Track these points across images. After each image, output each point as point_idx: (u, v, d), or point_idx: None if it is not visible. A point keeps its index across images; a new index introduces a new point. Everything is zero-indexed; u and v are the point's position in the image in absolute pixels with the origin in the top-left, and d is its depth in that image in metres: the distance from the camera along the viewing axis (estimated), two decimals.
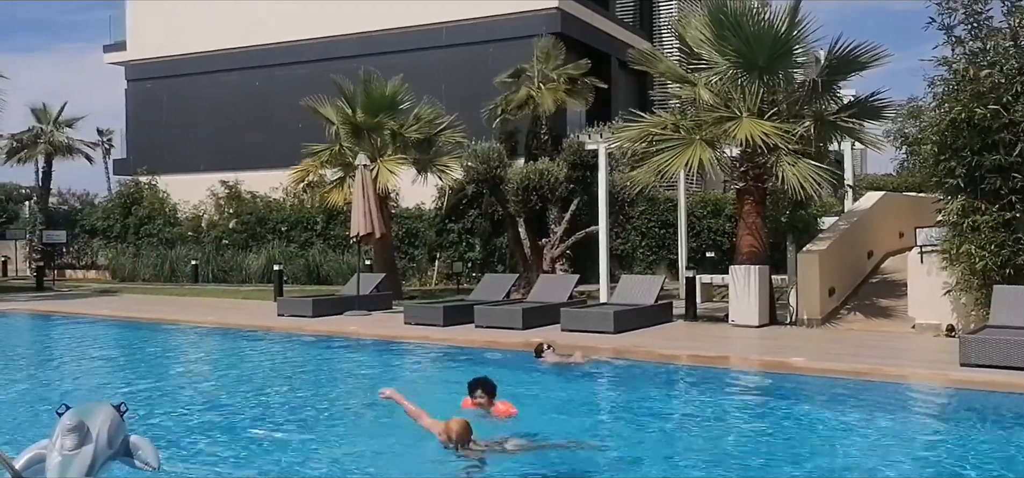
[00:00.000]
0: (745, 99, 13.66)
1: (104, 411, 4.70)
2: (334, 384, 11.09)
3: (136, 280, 27.25)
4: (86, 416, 4.59)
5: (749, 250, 13.89)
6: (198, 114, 31.04)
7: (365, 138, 19.60)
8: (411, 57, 25.80)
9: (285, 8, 28.64)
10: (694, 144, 13.51)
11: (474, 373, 11.22)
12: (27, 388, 10.63)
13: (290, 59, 28.99)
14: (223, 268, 26.67)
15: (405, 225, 25.00)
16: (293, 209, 27.16)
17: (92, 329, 16.50)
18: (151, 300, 20.66)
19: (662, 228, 22.99)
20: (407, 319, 14.80)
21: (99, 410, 4.70)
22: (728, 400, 9.50)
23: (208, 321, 16.23)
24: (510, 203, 20.14)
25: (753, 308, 13.60)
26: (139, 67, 32.79)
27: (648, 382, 10.50)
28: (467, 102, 22.97)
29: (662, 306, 14.75)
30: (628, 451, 7.34)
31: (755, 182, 14.00)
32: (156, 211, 29.53)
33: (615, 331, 12.87)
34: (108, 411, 4.72)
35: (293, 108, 25.86)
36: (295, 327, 15.01)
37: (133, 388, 10.41)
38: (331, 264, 25.18)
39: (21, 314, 18.49)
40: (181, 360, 13.56)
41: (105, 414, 4.68)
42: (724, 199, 22.23)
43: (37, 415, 8.68)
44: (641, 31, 30.42)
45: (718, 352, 11.56)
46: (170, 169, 30.53)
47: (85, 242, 31.09)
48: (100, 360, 13.69)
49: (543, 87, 22.05)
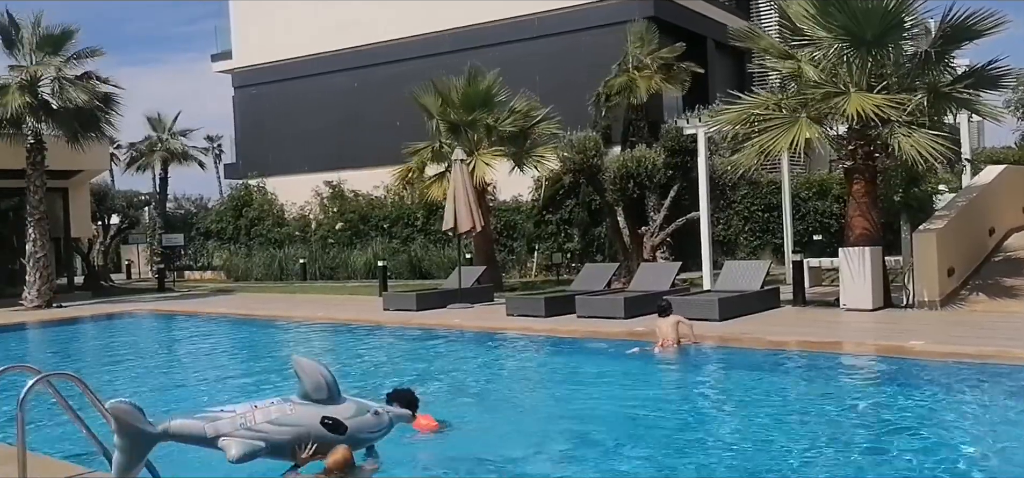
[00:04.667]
0: (852, 74, 13.14)
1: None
2: (463, 374, 11.18)
3: (249, 279, 28.48)
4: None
5: (861, 231, 13.38)
6: (301, 117, 32.15)
7: (462, 133, 19.86)
8: (504, 50, 25.96)
9: (380, 9, 29.28)
10: (799, 122, 13.10)
11: (579, 362, 11.28)
12: (167, 381, 11.26)
13: (386, 58, 29.66)
14: (329, 265, 27.57)
15: (503, 218, 25.21)
16: (394, 206, 27.81)
17: (214, 326, 17.37)
18: (264, 298, 21.56)
19: (765, 212, 22.40)
20: (509, 310, 14.94)
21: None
22: (843, 386, 9.20)
23: (318, 317, 16.81)
24: (608, 192, 20.03)
25: (866, 291, 13.10)
26: (244, 74, 34.21)
27: (758, 368, 10.26)
28: (561, 92, 22.95)
29: (769, 292, 14.39)
30: (748, 439, 7.20)
31: (865, 160, 13.47)
32: (265, 212, 30.80)
33: (720, 318, 12.64)
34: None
35: (390, 106, 26.53)
36: (401, 321, 15.36)
37: (262, 380, 10.85)
38: (432, 258, 25.66)
39: (147, 314, 19.60)
40: (300, 353, 14.03)
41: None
42: (830, 179, 21.48)
43: (183, 404, 9.20)
44: (738, 11, 29.66)
45: (830, 337, 11.20)
46: (276, 171, 31.77)
47: (201, 244, 32.70)
48: (226, 355, 14.40)
49: (638, 74, 21.79)
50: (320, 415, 5.56)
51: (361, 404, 5.89)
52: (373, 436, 5.92)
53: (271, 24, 32.46)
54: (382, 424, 5.91)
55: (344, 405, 5.76)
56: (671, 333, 10.85)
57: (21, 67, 20.52)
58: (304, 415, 5.54)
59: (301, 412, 5.55)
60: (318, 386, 5.66)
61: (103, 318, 19.08)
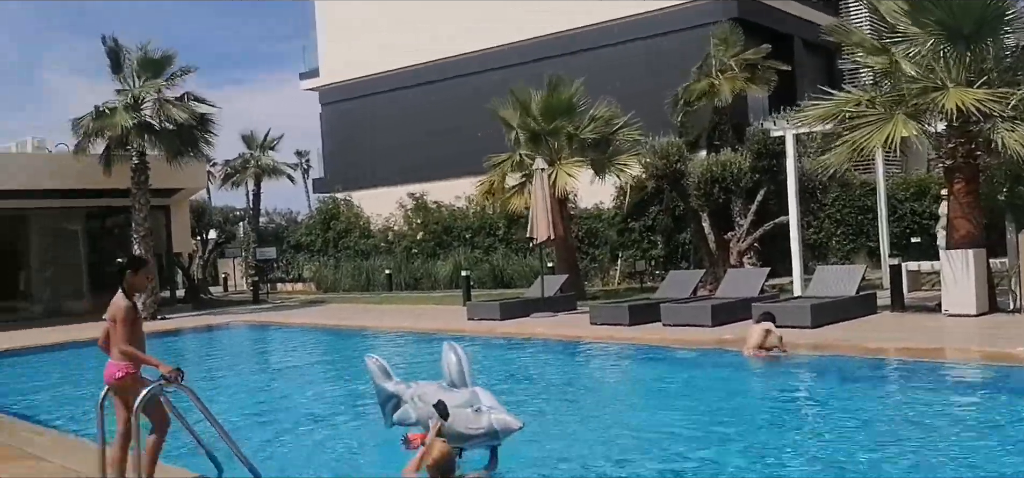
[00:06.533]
0: (949, 70, 12.58)
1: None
2: (548, 383, 11.16)
3: (338, 290, 29.20)
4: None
5: (964, 233, 12.78)
6: (385, 130, 32.84)
7: (543, 143, 19.89)
8: (584, 57, 25.92)
9: (459, 22, 29.66)
10: (894, 119, 12.59)
11: (666, 371, 11.10)
12: (266, 387, 11.65)
13: (466, 70, 30.01)
14: (413, 275, 28.02)
15: (585, 225, 25.11)
16: (476, 216, 28.06)
17: (306, 336, 17.87)
18: (352, 308, 22.05)
19: (859, 214, 21.64)
20: (593, 319, 14.84)
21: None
22: (948, 396, 8.78)
23: (405, 327, 17.08)
24: (692, 197, 19.71)
25: (970, 295, 12.49)
26: (330, 91, 35.18)
27: (853, 377, 9.90)
28: (643, 98, 22.72)
29: (864, 297, 13.88)
30: (840, 450, 6.96)
31: (966, 158, 12.86)
32: (352, 225, 31.54)
33: (813, 325, 12.24)
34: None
35: (472, 118, 26.80)
36: (486, 330, 15.45)
37: (353, 389, 11.09)
38: (514, 267, 25.77)
39: (242, 326, 20.30)
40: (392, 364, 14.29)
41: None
42: (928, 179, 20.61)
43: (276, 413, 9.53)
44: (825, 8, 28.80)
45: (932, 343, 10.71)
46: (362, 184, 32.53)
47: (292, 257, 33.72)
48: (321, 365, 14.78)
49: (722, 76, 21.41)
50: (439, 396, 5.81)
51: (473, 395, 5.78)
52: (466, 435, 5.70)
53: (357, 42, 33.26)
54: (479, 426, 5.65)
55: (459, 391, 5.84)
56: (760, 339, 10.61)
57: (125, 90, 21.63)
58: (433, 395, 5.87)
59: (433, 393, 5.93)
60: (449, 365, 6.03)
61: (203, 330, 19.88)
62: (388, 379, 6.69)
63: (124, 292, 5.68)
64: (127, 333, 5.52)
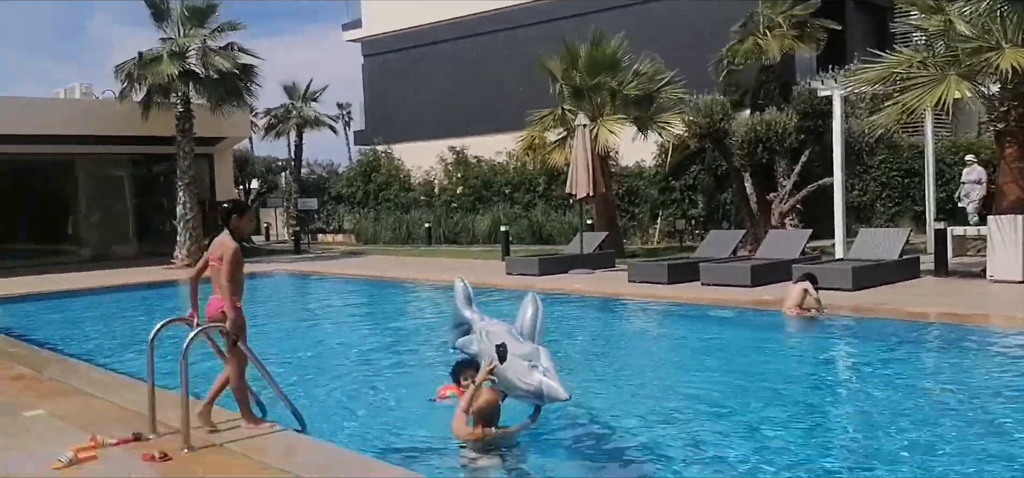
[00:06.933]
0: (1006, 30, 12.19)
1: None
2: (587, 339, 11.20)
3: (378, 242, 29.52)
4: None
5: (1014, 198, 12.48)
6: (426, 83, 32.84)
7: (585, 98, 19.74)
8: (629, 12, 25.55)
9: None
10: (946, 80, 12.27)
11: (703, 330, 11.11)
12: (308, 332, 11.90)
13: (509, 23, 29.79)
14: (453, 230, 28.18)
15: (626, 183, 24.98)
16: (516, 171, 28.05)
17: (348, 286, 18.17)
18: (392, 261, 22.29)
19: (906, 177, 21.21)
20: (631, 277, 14.83)
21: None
22: (989, 361, 8.66)
23: (444, 279, 17.19)
24: (735, 157, 19.47)
25: (1017, 262, 12.23)
26: (373, 43, 35.20)
27: (893, 339, 9.80)
28: (687, 55, 22.38)
29: (908, 261, 13.68)
30: (875, 416, 6.93)
31: (1019, 122, 12.52)
32: (392, 178, 31.75)
33: (854, 288, 12.11)
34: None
35: (512, 72, 26.66)
36: (524, 285, 15.48)
37: (397, 338, 11.28)
38: (553, 224, 25.77)
39: (284, 274, 20.67)
40: (434, 314, 14.54)
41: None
42: (979, 143, 20.08)
43: (323, 359, 9.76)
44: None
45: (975, 309, 10.54)
46: (403, 137, 32.64)
47: (332, 208, 34.10)
48: (361, 315, 15.05)
49: (769, 33, 20.97)
50: (504, 340, 5.86)
51: (535, 351, 5.67)
52: (514, 386, 5.65)
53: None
54: (529, 383, 5.53)
55: (524, 344, 5.81)
56: (798, 299, 10.57)
57: (170, 39, 21.89)
58: (499, 336, 5.94)
59: (500, 334, 5.98)
60: (524, 315, 6.13)
61: (247, 277, 20.23)
62: (468, 306, 7.00)
63: (231, 234, 6.20)
64: (231, 270, 6.07)
